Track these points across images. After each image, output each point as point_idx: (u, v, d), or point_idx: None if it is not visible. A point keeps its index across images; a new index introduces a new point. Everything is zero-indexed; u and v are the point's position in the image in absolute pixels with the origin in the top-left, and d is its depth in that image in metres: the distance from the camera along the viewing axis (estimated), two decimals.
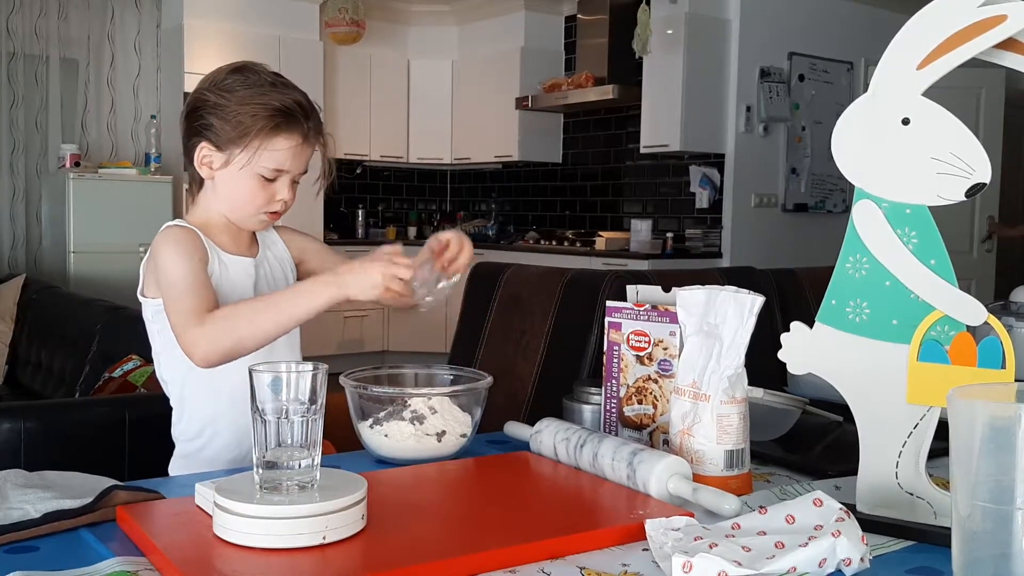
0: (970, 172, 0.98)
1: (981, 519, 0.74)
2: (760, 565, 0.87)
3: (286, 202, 1.47)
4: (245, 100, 1.41)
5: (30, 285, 4.47)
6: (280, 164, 1.43)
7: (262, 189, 1.45)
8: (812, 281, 2.73)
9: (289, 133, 1.42)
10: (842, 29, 6.17)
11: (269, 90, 1.42)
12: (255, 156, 1.42)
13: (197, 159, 1.46)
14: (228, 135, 1.42)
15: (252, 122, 1.40)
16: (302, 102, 1.44)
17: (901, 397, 1.01)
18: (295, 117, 1.42)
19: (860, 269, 1.04)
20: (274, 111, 1.41)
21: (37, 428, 1.99)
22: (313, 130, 1.46)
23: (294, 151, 1.44)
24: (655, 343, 1.30)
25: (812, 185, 6.15)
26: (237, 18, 6.24)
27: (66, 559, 0.91)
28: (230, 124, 1.41)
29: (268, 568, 0.87)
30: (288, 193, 1.47)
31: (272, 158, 1.42)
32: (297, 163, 1.46)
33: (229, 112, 1.41)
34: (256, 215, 1.48)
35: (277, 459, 0.95)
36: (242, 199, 1.46)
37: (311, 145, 1.47)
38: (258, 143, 1.41)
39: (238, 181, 1.44)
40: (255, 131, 1.40)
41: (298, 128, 1.43)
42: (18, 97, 5.89)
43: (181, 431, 1.51)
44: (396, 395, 1.34)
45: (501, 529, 0.98)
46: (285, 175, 1.46)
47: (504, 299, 2.56)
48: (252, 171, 1.43)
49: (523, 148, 6.98)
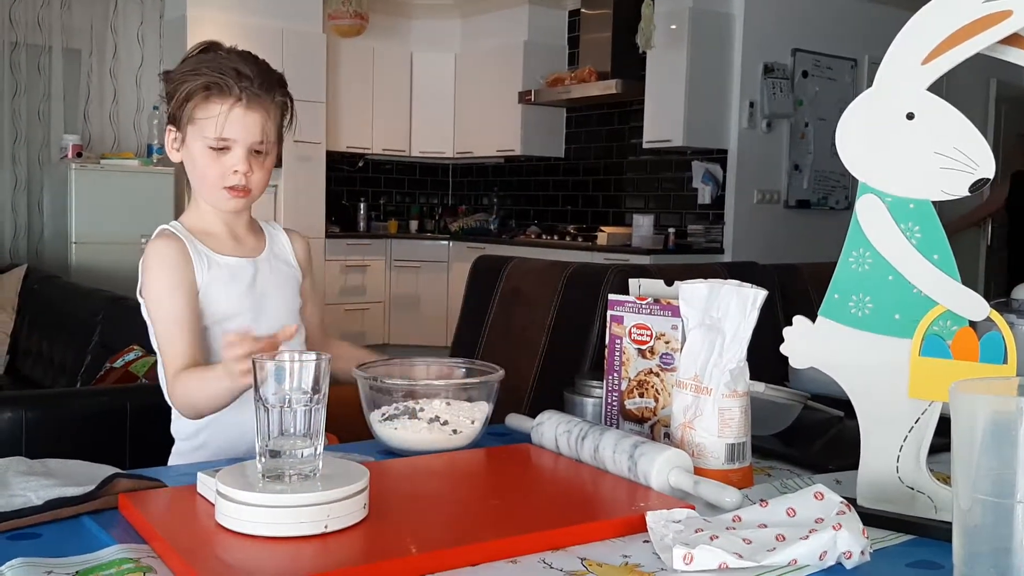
0: (974, 167, 0.98)
1: (982, 513, 0.75)
2: (761, 557, 0.87)
3: (244, 174, 1.45)
4: (185, 71, 1.44)
5: (31, 275, 4.48)
6: (218, 131, 1.42)
7: (214, 162, 1.45)
8: (814, 276, 2.73)
9: (220, 96, 1.42)
10: (846, 26, 6.16)
11: (210, 62, 1.43)
12: (195, 125, 1.43)
13: (168, 144, 1.50)
14: (175, 110, 1.45)
15: (184, 89, 1.43)
16: (241, 69, 1.42)
17: (903, 392, 1.01)
18: (226, 81, 1.41)
19: (863, 263, 1.05)
20: (203, 75, 1.42)
21: (38, 417, 1.99)
22: (250, 94, 1.42)
23: (231, 116, 1.42)
24: (657, 337, 1.30)
25: (815, 181, 6.14)
26: (240, 9, 6.23)
27: (68, 546, 0.91)
28: (173, 98, 1.45)
29: (270, 556, 0.87)
30: (241, 163, 1.44)
31: (209, 125, 1.42)
32: (241, 130, 1.43)
33: (172, 88, 1.45)
34: (217, 191, 1.47)
35: (279, 448, 0.95)
36: (200, 175, 1.47)
37: (254, 110, 1.43)
38: (195, 112, 1.43)
39: (193, 157, 1.46)
40: (190, 98, 1.42)
41: (229, 92, 1.42)
42: (20, 87, 5.89)
43: (179, 428, 1.52)
44: (408, 388, 1.34)
45: (502, 520, 0.98)
46: (234, 144, 1.44)
47: (506, 292, 2.56)
48: (200, 143, 1.44)
49: (525, 142, 6.98)
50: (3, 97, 5.83)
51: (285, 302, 1.55)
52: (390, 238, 7.31)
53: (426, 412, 1.31)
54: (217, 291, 1.46)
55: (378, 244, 7.19)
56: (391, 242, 7.27)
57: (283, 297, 1.55)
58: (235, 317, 1.47)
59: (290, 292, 1.57)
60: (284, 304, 1.55)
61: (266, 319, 1.50)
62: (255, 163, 1.46)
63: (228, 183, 1.45)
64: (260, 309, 1.50)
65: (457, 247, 7.06)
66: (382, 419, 1.32)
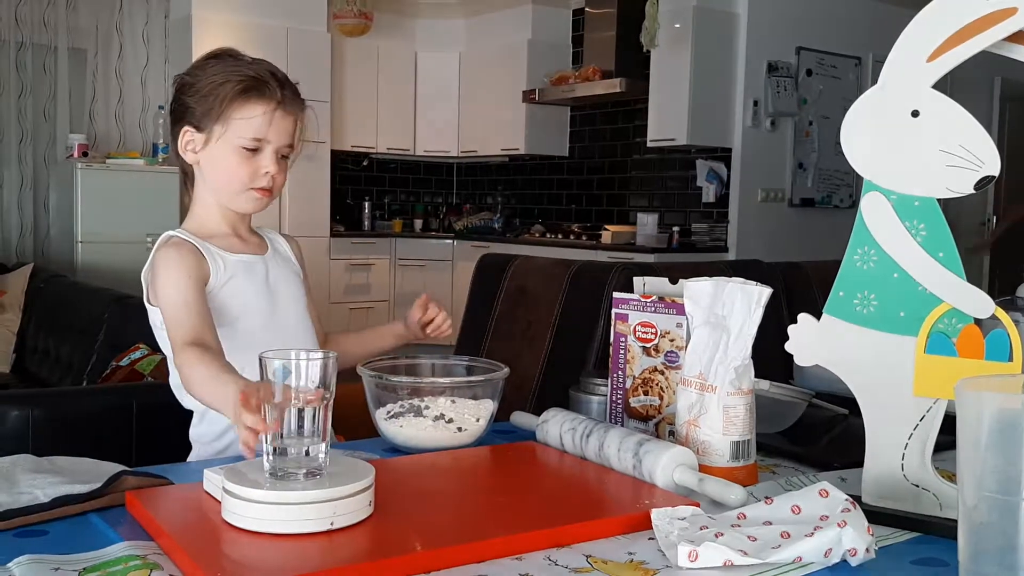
0: (979, 165, 0.98)
1: (987, 510, 0.74)
2: (766, 554, 0.87)
3: (273, 176, 1.45)
4: (216, 72, 1.43)
5: (38, 274, 4.49)
6: (257, 132, 1.43)
7: (245, 162, 1.44)
8: (819, 274, 2.73)
9: (260, 98, 1.43)
10: (850, 24, 6.15)
11: (240, 64, 1.45)
12: (230, 126, 1.42)
13: (181, 145, 1.47)
14: (204, 109, 1.43)
15: (222, 90, 1.42)
16: (275, 72, 1.45)
17: (908, 389, 1.01)
18: (266, 83, 1.43)
19: (868, 261, 1.04)
20: (244, 76, 1.42)
21: (45, 416, 1.99)
22: (289, 98, 1.45)
23: (269, 118, 1.43)
24: (662, 334, 1.31)
25: (819, 180, 6.14)
26: (245, 9, 6.24)
27: (75, 543, 0.91)
28: (204, 98, 1.43)
29: (276, 553, 0.87)
30: (273, 165, 1.45)
31: (248, 126, 1.42)
32: (276, 132, 1.44)
33: (202, 87, 1.43)
34: (244, 191, 1.46)
35: (287, 447, 0.95)
36: (227, 176, 1.45)
37: (290, 114, 1.46)
38: (231, 111, 1.42)
39: (220, 157, 1.45)
40: (227, 98, 1.41)
41: (270, 94, 1.43)
42: (26, 87, 5.90)
43: (201, 432, 1.50)
44: (414, 385, 1.34)
45: (508, 517, 0.98)
46: (267, 145, 1.44)
47: (510, 290, 2.56)
48: (232, 144, 1.43)
49: (530, 141, 6.98)
50: (9, 97, 5.85)
51: (295, 299, 1.56)
52: (395, 237, 7.31)
53: (431, 410, 1.32)
54: (235, 287, 1.46)
55: (383, 243, 7.20)
56: (395, 241, 7.27)
57: (292, 294, 1.56)
58: (254, 313, 1.48)
59: (297, 289, 1.58)
60: (294, 300, 1.56)
61: (280, 315, 1.51)
62: (280, 166, 1.47)
63: (258, 184, 1.46)
64: (275, 305, 1.51)
65: (461, 246, 7.07)
66: (387, 417, 1.32)
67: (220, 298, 1.45)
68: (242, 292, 1.47)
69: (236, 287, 1.46)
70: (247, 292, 1.48)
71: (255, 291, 1.49)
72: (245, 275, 1.48)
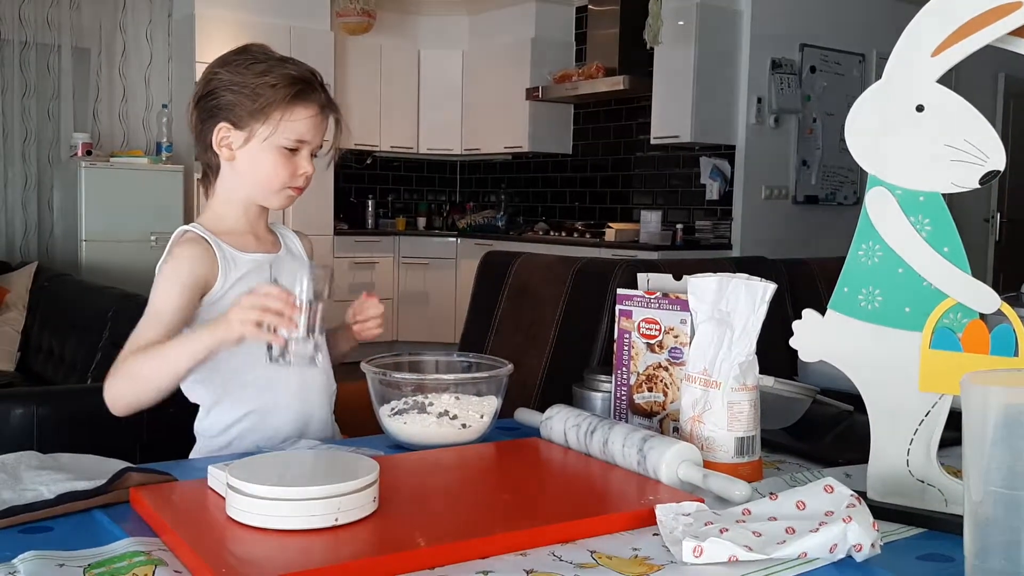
0: (984, 159, 0.98)
1: (993, 505, 0.74)
2: (771, 550, 0.87)
3: (308, 175, 1.48)
4: (263, 72, 1.43)
5: (42, 273, 4.49)
6: (301, 134, 1.44)
7: (286, 162, 1.45)
8: (823, 271, 2.73)
9: (307, 102, 1.44)
10: (854, 21, 6.14)
11: (280, 63, 1.46)
12: (277, 127, 1.43)
13: (216, 141, 1.46)
14: (248, 109, 1.42)
15: (273, 92, 1.42)
16: (316, 73, 1.48)
17: (913, 385, 1.01)
18: (312, 86, 1.45)
19: (873, 256, 1.04)
20: (293, 79, 1.43)
21: (50, 414, 2.00)
22: (328, 100, 1.48)
23: (314, 121, 1.45)
24: (666, 331, 1.30)
25: (823, 177, 6.13)
26: (248, 7, 6.24)
27: (80, 539, 0.91)
28: (249, 98, 1.42)
29: (280, 549, 0.87)
30: (310, 166, 1.48)
31: (293, 128, 1.43)
32: (316, 134, 1.47)
33: (247, 86, 1.42)
34: (282, 190, 1.48)
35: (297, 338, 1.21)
36: (266, 175, 1.46)
37: (326, 116, 1.49)
38: (280, 114, 1.42)
39: (261, 157, 1.45)
40: (277, 101, 1.42)
41: (316, 97, 1.46)
42: (30, 86, 5.90)
43: (207, 426, 1.50)
44: (418, 382, 1.34)
45: (512, 513, 0.98)
46: (306, 147, 1.46)
47: (514, 288, 2.56)
48: (274, 144, 1.44)
49: (533, 139, 6.97)
50: (13, 96, 5.85)
51: None
52: (398, 235, 7.31)
53: (435, 406, 1.32)
54: (243, 287, 1.46)
55: (386, 241, 7.20)
56: (399, 239, 7.27)
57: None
58: None
59: None
60: None
61: None
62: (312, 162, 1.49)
63: (296, 184, 1.48)
64: None
65: (465, 244, 7.07)
66: (391, 413, 1.32)
67: (229, 298, 1.45)
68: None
69: (243, 288, 1.46)
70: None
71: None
72: (256, 274, 1.49)
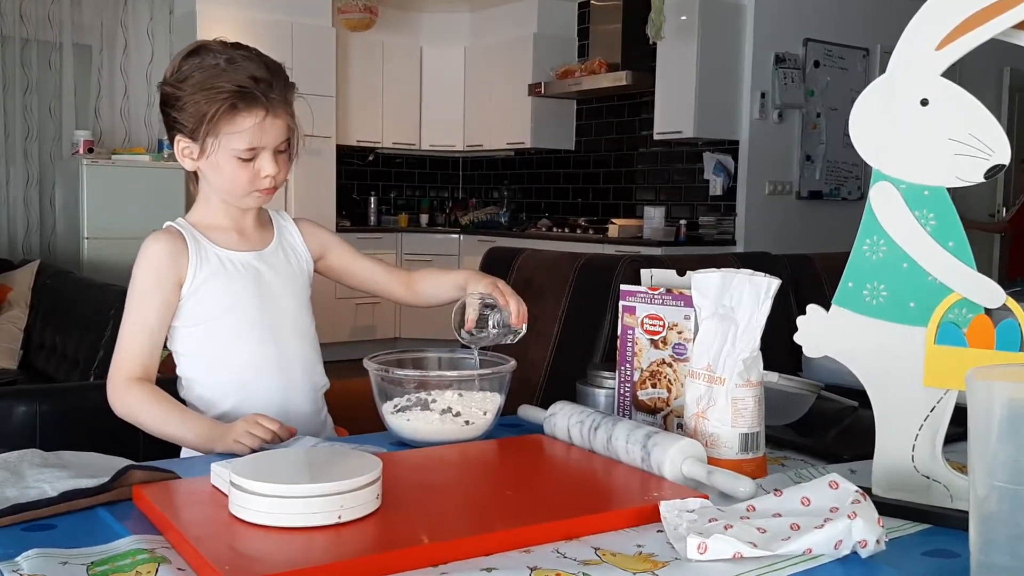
0: (989, 153, 0.97)
1: (998, 500, 0.74)
2: (775, 546, 0.87)
3: (272, 176, 1.46)
4: (197, 88, 1.40)
5: (44, 270, 4.49)
6: (250, 143, 1.42)
7: (243, 169, 1.44)
8: (828, 267, 2.72)
9: (249, 111, 1.41)
10: (857, 15, 6.12)
11: (221, 72, 1.40)
12: (222, 140, 1.42)
13: (178, 152, 1.48)
14: (192, 125, 1.42)
15: (208, 108, 1.40)
16: (257, 75, 1.41)
17: (918, 380, 1.01)
18: (251, 94, 1.40)
19: (877, 251, 1.04)
20: (228, 94, 1.39)
21: (52, 411, 1.99)
22: (275, 100, 1.43)
23: (260, 127, 1.42)
24: (669, 327, 1.30)
25: (827, 172, 6.12)
26: (249, 4, 6.23)
27: (83, 537, 0.91)
28: (190, 115, 1.42)
29: (283, 546, 0.87)
30: (272, 167, 1.45)
31: (240, 139, 1.42)
32: (269, 136, 1.43)
33: (186, 103, 1.41)
34: (248, 195, 1.48)
35: None
36: (228, 183, 1.46)
37: (280, 115, 1.44)
38: (221, 127, 1.41)
39: (218, 166, 1.45)
40: (214, 117, 1.40)
41: (257, 104, 1.41)
42: (32, 83, 5.90)
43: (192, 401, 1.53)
44: (420, 379, 1.34)
45: (516, 510, 0.98)
46: (262, 151, 1.44)
47: (517, 284, 2.55)
48: (227, 155, 1.43)
49: (535, 135, 6.96)
50: (14, 93, 5.85)
51: (293, 294, 1.56)
52: (401, 232, 7.31)
53: (438, 403, 1.31)
54: (215, 286, 1.47)
55: (389, 238, 7.20)
56: (402, 236, 7.27)
57: (291, 290, 1.56)
58: (235, 310, 1.49)
59: (299, 284, 1.58)
60: (292, 296, 1.56)
61: (271, 311, 1.51)
62: (280, 161, 1.47)
63: (260, 186, 1.47)
64: (264, 302, 1.51)
65: (468, 240, 7.06)
66: (394, 410, 1.32)
67: (200, 294, 1.47)
68: (223, 292, 1.48)
69: (215, 286, 1.48)
70: (228, 292, 1.48)
71: (237, 289, 1.49)
72: (229, 273, 1.49)
